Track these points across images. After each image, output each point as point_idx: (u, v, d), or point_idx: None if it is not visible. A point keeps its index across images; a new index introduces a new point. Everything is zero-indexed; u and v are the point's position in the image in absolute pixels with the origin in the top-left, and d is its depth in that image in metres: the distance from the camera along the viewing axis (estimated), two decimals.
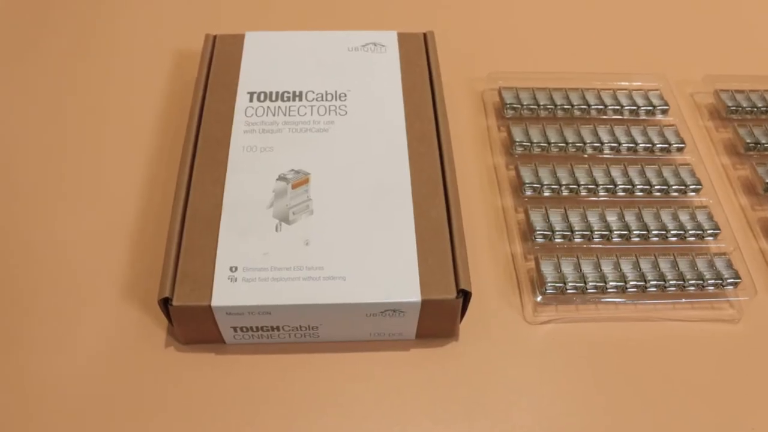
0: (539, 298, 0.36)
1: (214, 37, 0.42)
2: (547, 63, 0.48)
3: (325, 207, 0.34)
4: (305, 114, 0.38)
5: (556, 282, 0.35)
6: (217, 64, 0.40)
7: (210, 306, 0.31)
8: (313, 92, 0.39)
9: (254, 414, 0.32)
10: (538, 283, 0.36)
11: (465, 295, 0.32)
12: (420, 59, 0.41)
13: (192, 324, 0.33)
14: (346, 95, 0.39)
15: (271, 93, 0.39)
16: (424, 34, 0.43)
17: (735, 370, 0.35)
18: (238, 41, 0.41)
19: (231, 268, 0.32)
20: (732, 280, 0.37)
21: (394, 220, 0.34)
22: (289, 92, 0.39)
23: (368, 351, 0.34)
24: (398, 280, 0.32)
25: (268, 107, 0.38)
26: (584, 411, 0.33)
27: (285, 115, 0.38)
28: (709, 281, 0.36)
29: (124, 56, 0.47)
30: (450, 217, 0.34)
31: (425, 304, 0.32)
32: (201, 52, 0.41)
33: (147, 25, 0.50)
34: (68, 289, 0.36)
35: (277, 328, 0.33)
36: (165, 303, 0.31)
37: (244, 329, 0.33)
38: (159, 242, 0.35)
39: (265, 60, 0.41)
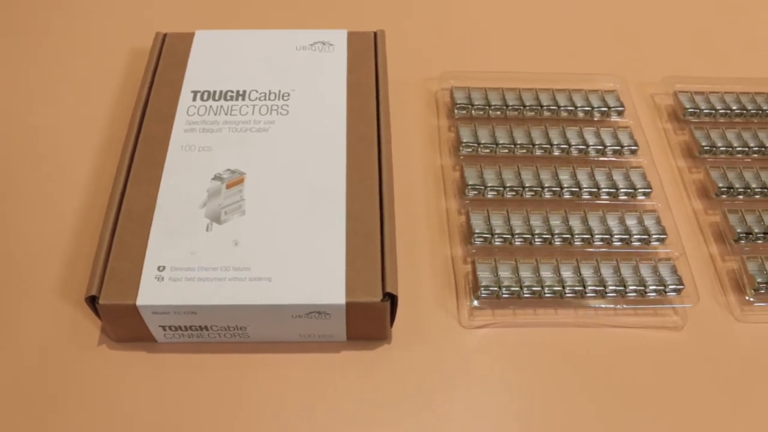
0: (475, 303, 0.36)
1: (164, 35, 0.42)
2: (506, 63, 0.47)
3: (258, 207, 0.34)
4: (247, 113, 0.38)
5: (490, 286, 0.35)
6: (165, 63, 0.40)
7: (135, 305, 0.31)
8: (257, 91, 0.39)
9: (182, 413, 0.32)
10: (473, 287, 0.36)
11: (392, 299, 0.32)
12: (368, 59, 0.41)
13: (122, 322, 0.33)
14: (289, 95, 0.39)
15: (214, 92, 0.39)
16: (375, 33, 0.42)
17: (676, 378, 0.34)
18: (187, 40, 0.41)
19: (159, 268, 0.32)
20: (674, 286, 0.36)
21: (326, 222, 0.34)
22: (232, 91, 0.39)
23: (299, 352, 0.34)
24: (324, 282, 0.32)
25: (211, 106, 0.38)
26: (515, 418, 0.33)
27: (227, 114, 0.38)
28: (651, 287, 0.36)
29: (78, 53, 0.47)
30: (383, 219, 0.34)
31: (350, 306, 0.32)
32: (149, 50, 0.41)
33: (103, 23, 0.49)
34: (4, 285, 0.36)
35: (206, 328, 0.33)
36: (92, 301, 0.32)
37: (173, 328, 0.33)
38: (96, 240, 0.35)
39: (213, 59, 0.41)
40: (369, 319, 0.33)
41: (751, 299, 0.37)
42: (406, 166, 0.41)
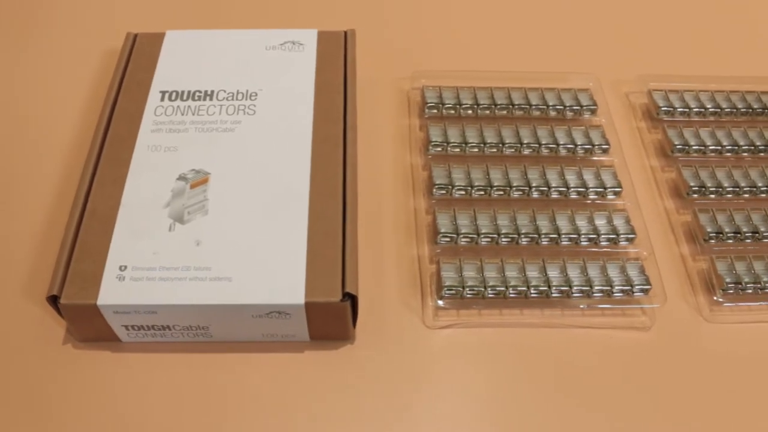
0: (439, 303, 0.35)
1: (135, 35, 0.42)
2: (479, 62, 0.47)
3: (221, 207, 0.34)
4: (214, 113, 0.38)
5: (454, 286, 0.35)
6: (135, 63, 0.40)
7: (96, 305, 0.32)
8: (225, 91, 0.39)
9: (146, 413, 0.32)
10: (437, 287, 0.36)
11: (352, 299, 0.32)
12: (338, 58, 0.41)
13: (85, 322, 0.33)
14: (256, 95, 0.39)
15: (183, 92, 0.39)
16: (345, 33, 0.42)
17: (643, 378, 0.34)
18: (157, 40, 0.42)
19: (121, 268, 0.32)
20: (641, 286, 0.36)
21: (288, 222, 0.34)
22: (200, 91, 0.39)
23: (262, 352, 0.34)
24: (284, 282, 0.32)
25: (178, 106, 0.38)
26: (479, 419, 0.33)
27: (194, 114, 0.38)
28: (617, 288, 0.36)
29: (51, 54, 0.48)
30: (345, 220, 0.34)
31: (310, 306, 0.32)
32: (120, 50, 0.41)
33: (77, 23, 0.50)
34: None
35: (168, 328, 0.33)
36: (54, 301, 0.32)
37: (136, 328, 0.33)
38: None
39: (182, 59, 0.41)
40: (330, 319, 0.33)
41: (720, 299, 0.37)
42: (376, 165, 0.41)
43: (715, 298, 0.37)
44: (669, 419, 0.33)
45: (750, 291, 0.37)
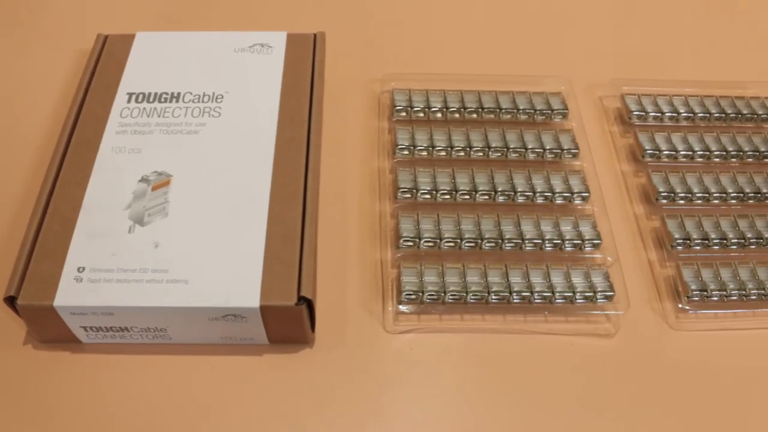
0: (398, 307, 0.35)
1: (106, 36, 0.42)
2: (452, 65, 0.47)
3: (181, 210, 0.35)
4: (179, 116, 0.38)
5: (413, 291, 0.35)
6: (103, 64, 0.41)
7: (53, 306, 0.32)
8: (191, 93, 0.39)
9: (104, 414, 0.33)
10: (397, 291, 0.36)
11: (309, 303, 0.33)
12: (306, 61, 0.41)
13: (44, 323, 0.33)
14: (222, 97, 0.39)
15: (149, 94, 0.39)
16: (315, 35, 0.43)
17: (604, 386, 0.34)
18: (127, 41, 0.42)
19: (79, 269, 0.33)
20: (604, 293, 0.36)
21: (247, 225, 0.34)
22: (167, 93, 0.39)
23: (221, 354, 0.34)
24: (240, 285, 0.32)
25: (144, 108, 0.39)
26: (438, 425, 0.33)
27: (159, 116, 0.38)
28: (580, 294, 0.36)
29: (23, 54, 0.48)
30: (304, 223, 0.34)
31: (265, 310, 0.32)
32: (90, 51, 0.42)
33: (50, 24, 0.50)
34: None
35: (127, 329, 0.33)
36: (11, 302, 0.32)
37: (95, 329, 0.33)
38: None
39: (151, 60, 0.41)
40: (287, 323, 0.33)
41: (686, 307, 0.37)
42: (343, 168, 0.41)
43: (680, 305, 0.37)
44: (631, 427, 0.33)
45: (716, 299, 0.36)
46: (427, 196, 0.38)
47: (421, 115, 0.42)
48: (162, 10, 0.50)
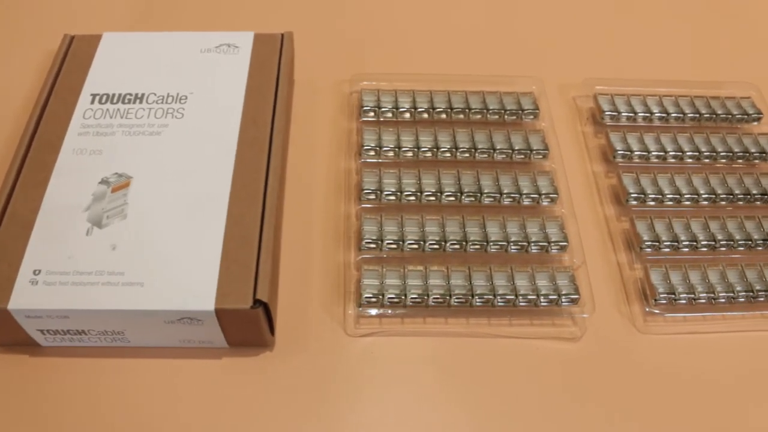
0: (360, 310, 0.35)
1: (72, 37, 0.42)
2: (425, 65, 0.47)
3: (140, 212, 0.35)
4: (142, 117, 0.38)
5: (373, 294, 0.35)
6: (69, 65, 0.41)
7: (7, 309, 0.32)
8: (155, 94, 0.39)
9: (62, 418, 0.33)
10: (357, 294, 0.36)
11: (265, 306, 0.32)
12: (272, 61, 0.41)
13: (0, 326, 0.34)
14: (186, 98, 0.39)
15: (113, 95, 0.39)
16: (282, 35, 0.43)
17: (569, 390, 0.34)
18: (94, 42, 0.42)
19: (35, 272, 0.33)
20: (569, 296, 0.36)
21: (205, 227, 0.34)
22: (131, 94, 0.39)
23: (180, 358, 0.34)
24: (196, 288, 0.32)
25: (108, 110, 0.39)
26: (398, 430, 0.33)
27: (122, 117, 0.38)
28: (544, 297, 0.35)
29: None
30: (263, 225, 0.34)
31: (221, 313, 0.32)
32: (55, 52, 0.42)
33: (18, 25, 0.50)
34: None
35: (84, 332, 0.34)
36: None
37: (52, 332, 0.34)
38: None
39: (117, 61, 0.41)
40: (245, 326, 0.33)
41: (654, 310, 0.36)
42: (311, 169, 0.41)
43: (647, 309, 0.36)
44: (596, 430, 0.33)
45: (684, 302, 0.36)
46: (392, 198, 0.38)
47: (389, 115, 0.42)
48: (133, 11, 0.51)
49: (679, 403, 0.34)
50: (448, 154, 0.40)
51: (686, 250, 0.38)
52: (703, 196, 0.39)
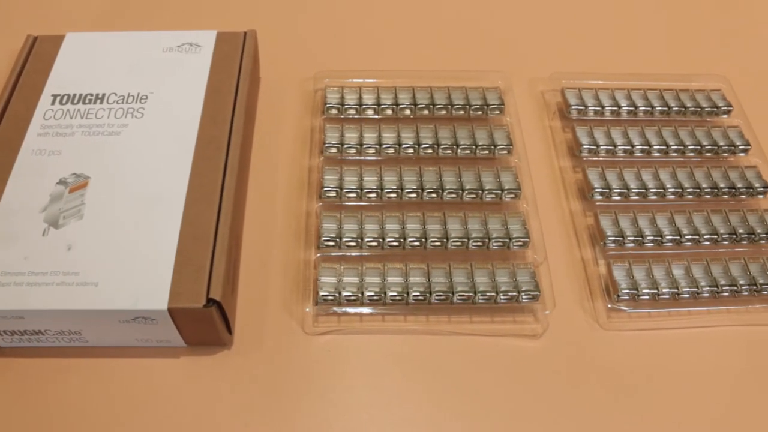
0: (316, 309, 0.35)
1: (35, 38, 0.43)
2: (391, 61, 0.47)
3: (97, 212, 0.35)
4: (102, 117, 0.39)
5: (330, 292, 0.35)
6: (31, 66, 0.41)
7: None
8: (116, 94, 0.40)
9: (19, 419, 0.33)
10: (315, 292, 0.36)
11: (219, 305, 0.33)
12: (234, 59, 0.41)
13: None
14: (147, 97, 0.39)
15: (74, 95, 0.40)
16: (245, 33, 0.43)
17: (529, 389, 0.34)
18: (57, 42, 0.42)
19: None
20: (529, 292, 0.36)
21: (161, 227, 0.34)
22: (92, 95, 0.40)
23: (138, 357, 0.35)
24: (149, 287, 0.32)
25: (68, 110, 0.39)
26: (356, 428, 0.33)
27: (82, 118, 0.39)
28: (503, 294, 0.36)
29: None
30: (218, 224, 0.35)
31: (174, 312, 0.32)
32: (18, 52, 0.42)
33: None
34: None
35: (41, 333, 0.34)
36: None
37: (9, 333, 0.34)
38: None
39: (79, 61, 0.42)
40: (200, 325, 0.34)
41: (617, 306, 0.36)
42: (274, 167, 0.42)
43: (609, 305, 0.37)
44: (558, 429, 0.33)
45: (647, 297, 0.36)
46: (353, 195, 0.38)
47: (352, 112, 0.42)
48: (98, 11, 0.51)
49: (641, 399, 0.34)
50: (411, 151, 0.40)
51: (651, 245, 0.38)
52: (670, 190, 0.39)
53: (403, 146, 0.40)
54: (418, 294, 0.35)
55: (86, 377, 0.34)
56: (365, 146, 0.40)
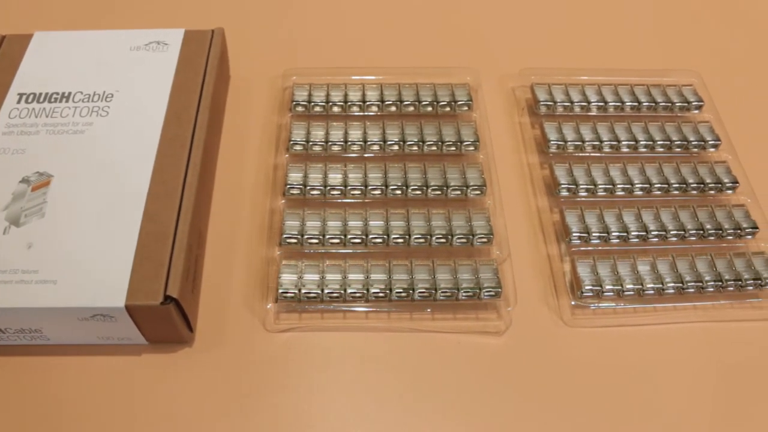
0: (278, 306, 0.36)
1: (3, 36, 0.43)
2: (361, 58, 0.48)
3: (58, 210, 0.36)
4: (67, 116, 0.39)
5: (290, 289, 0.35)
6: None
7: None
8: (82, 93, 0.40)
9: None
10: (275, 290, 0.36)
11: (177, 302, 0.33)
12: (201, 58, 0.42)
13: None
14: (112, 96, 0.40)
15: (40, 94, 0.40)
16: (213, 31, 0.43)
17: (491, 386, 0.34)
18: (24, 41, 0.43)
19: None
20: (491, 289, 0.36)
21: (121, 225, 0.35)
22: (58, 93, 0.40)
23: (100, 355, 0.35)
24: (108, 285, 0.33)
25: (33, 109, 0.40)
26: (317, 425, 0.33)
27: (48, 116, 0.39)
28: (464, 291, 0.36)
29: None
30: (178, 222, 0.35)
31: (132, 309, 0.33)
32: None
33: None
34: None
35: (2, 331, 0.35)
36: None
37: None
38: None
39: (46, 60, 0.42)
40: (159, 323, 0.34)
41: (581, 303, 0.37)
42: (241, 164, 0.42)
43: (573, 302, 0.37)
44: (520, 427, 0.33)
45: (611, 294, 0.37)
46: (316, 193, 0.39)
47: (319, 109, 0.43)
48: (68, 10, 0.51)
49: (603, 396, 0.34)
50: (377, 148, 0.41)
51: (616, 241, 0.38)
52: (638, 186, 0.40)
53: (369, 143, 0.40)
54: (378, 291, 0.35)
55: (47, 376, 0.35)
56: (331, 143, 0.41)
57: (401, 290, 0.35)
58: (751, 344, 0.36)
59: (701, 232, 0.38)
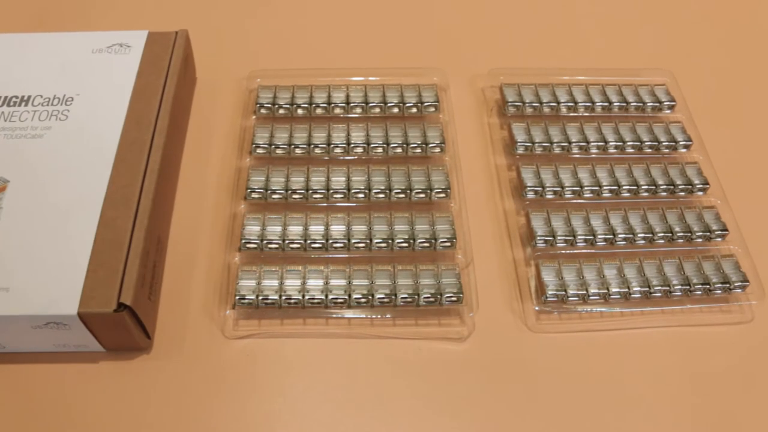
0: (235, 312, 0.36)
1: None
2: (329, 59, 0.48)
3: (14, 216, 0.35)
4: (26, 119, 0.39)
5: (248, 295, 0.35)
6: None
7: None
8: (42, 96, 0.40)
9: None
10: (233, 295, 0.36)
11: (131, 309, 0.33)
12: (163, 60, 0.42)
13: None
14: (72, 99, 0.40)
15: None
16: (176, 33, 0.43)
17: (452, 393, 0.34)
18: None
19: None
20: (452, 294, 0.36)
21: (77, 231, 0.35)
22: (17, 96, 0.40)
23: (56, 362, 0.35)
24: (61, 292, 0.33)
25: None
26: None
27: (6, 120, 0.39)
28: (425, 296, 0.36)
29: None
30: (134, 228, 0.35)
31: (85, 317, 0.33)
32: None
33: None
34: None
35: None
36: None
37: None
38: None
39: (6, 63, 0.42)
40: (114, 330, 0.34)
41: (545, 308, 0.36)
42: (204, 168, 0.42)
43: (536, 307, 0.37)
44: None
45: (576, 299, 0.36)
46: (278, 197, 0.39)
47: (283, 111, 0.42)
48: (31, 12, 0.51)
49: (569, 402, 0.34)
50: (340, 150, 0.41)
51: (583, 244, 0.38)
52: (606, 187, 0.39)
53: (333, 145, 0.40)
54: (338, 297, 0.35)
55: (2, 384, 0.35)
56: (294, 146, 0.40)
57: (361, 296, 0.35)
58: (719, 349, 0.36)
59: (670, 234, 0.38)
